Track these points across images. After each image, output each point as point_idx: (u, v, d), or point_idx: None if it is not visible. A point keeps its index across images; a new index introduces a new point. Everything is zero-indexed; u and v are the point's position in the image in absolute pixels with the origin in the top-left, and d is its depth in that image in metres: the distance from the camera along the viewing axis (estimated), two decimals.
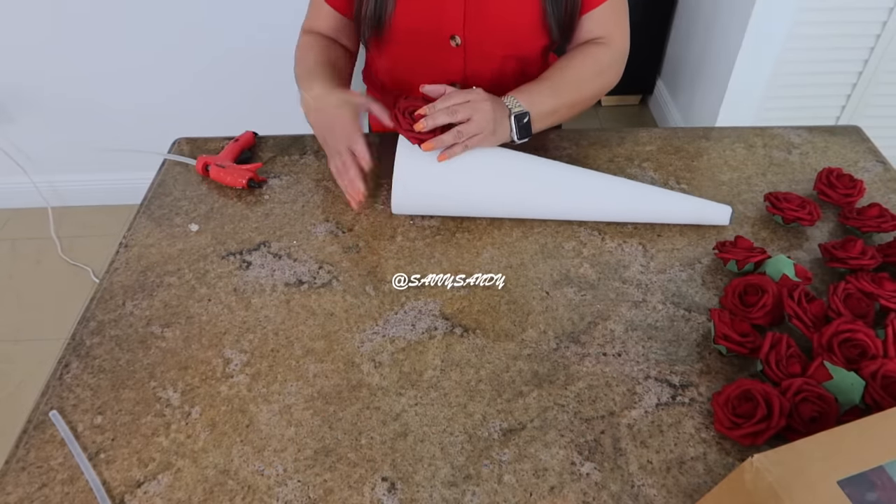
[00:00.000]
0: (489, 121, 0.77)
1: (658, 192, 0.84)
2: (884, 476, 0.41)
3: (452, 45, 0.90)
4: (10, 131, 2.02)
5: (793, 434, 0.59)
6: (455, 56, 0.92)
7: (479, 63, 0.93)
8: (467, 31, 0.89)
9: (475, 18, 0.87)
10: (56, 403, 0.65)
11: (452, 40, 0.90)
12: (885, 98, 1.93)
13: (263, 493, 0.58)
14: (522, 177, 0.82)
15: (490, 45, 0.91)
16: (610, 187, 0.83)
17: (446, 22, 0.88)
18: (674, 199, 0.83)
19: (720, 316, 0.67)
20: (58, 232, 2.10)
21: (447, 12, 0.87)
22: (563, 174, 0.83)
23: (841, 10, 1.73)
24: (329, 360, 0.68)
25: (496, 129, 0.79)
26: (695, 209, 0.83)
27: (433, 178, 0.79)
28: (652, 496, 0.57)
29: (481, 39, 0.90)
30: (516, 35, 0.90)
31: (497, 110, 0.79)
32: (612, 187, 0.83)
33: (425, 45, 0.91)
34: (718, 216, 0.83)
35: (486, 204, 0.82)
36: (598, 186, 0.83)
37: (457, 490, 0.58)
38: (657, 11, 2.36)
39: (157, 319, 0.73)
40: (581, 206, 0.83)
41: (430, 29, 0.88)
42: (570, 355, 0.69)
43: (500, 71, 0.95)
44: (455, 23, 0.88)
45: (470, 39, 0.90)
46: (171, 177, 0.93)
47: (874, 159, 0.96)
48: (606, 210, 0.83)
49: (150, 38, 1.82)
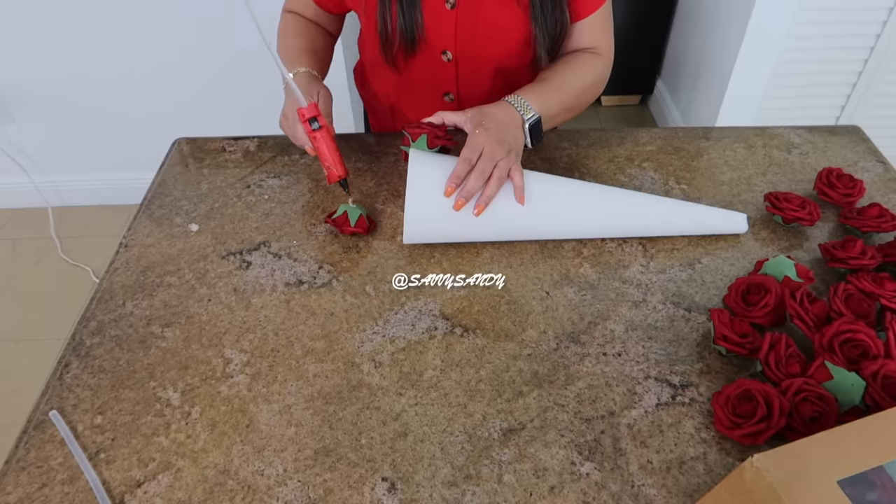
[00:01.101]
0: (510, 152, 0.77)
1: (674, 205, 0.82)
2: (884, 476, 0.41)
3: (444, 60, 0.91)
4: (10, 131, 2.02)
5: (793, 434, 0.59)
6: (447, 69, 0.93)
7: (470, 76, 0.94)
8: (458, 47, 0.89)
9: (465, 35, 0.88)
10: (56, 403, 0.65)
11: (444, 55, 0.90)
12: (885, 98, 1.93)
13: (263, 493, 0.58)
14: (536, 201, 0.78)
15: (481, 60, 0.92)
16: (625, 204, 0.81)
17: (438, 38, 0.88)
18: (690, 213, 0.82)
19: (720, 316, 0.67)
20: (58, 232, 2.11)
21: (439, 29, 0.88)
22: (578, 194, 0.81)
23: (841, 10, 1.73)
24: (329, 360, 0.68)
25: (517, 148, 0.79)
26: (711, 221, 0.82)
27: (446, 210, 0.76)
28: (652, 496, 0.57)
29: (472, 55, 0.90)
30: (506, 49, 0.90)
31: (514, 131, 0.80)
32: (627, 204, 0.81)
33: (419, 59, 0.91)
34: (736, 226, 0.82)
35: (499, 230, 0.79)
36: (614, 204, 0.80)
37: (457, 490, 0.58)
38: (657, 11, 2.36)
39: (157, 319, 0.73)
40: (598, 225, 0.81)
41: (422, 45, 0.89)
42: (570, 355, 0.69)
43: (491, 84, 0.96)
44: (446, 39, 0.89)
45: (461, 54, 0.90)
46: (171, 177, 0.93)
47: (874, 159, 0.96)
48: (623, 228, 0.81)
49: (151, 39, 1.82)
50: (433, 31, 0.87)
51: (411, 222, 0.76)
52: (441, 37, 0.88)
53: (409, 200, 0.75)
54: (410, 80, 0.96)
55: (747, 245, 0.81)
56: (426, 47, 0.89)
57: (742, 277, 0.72)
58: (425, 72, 0.93)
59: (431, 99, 0.98)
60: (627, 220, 0.81)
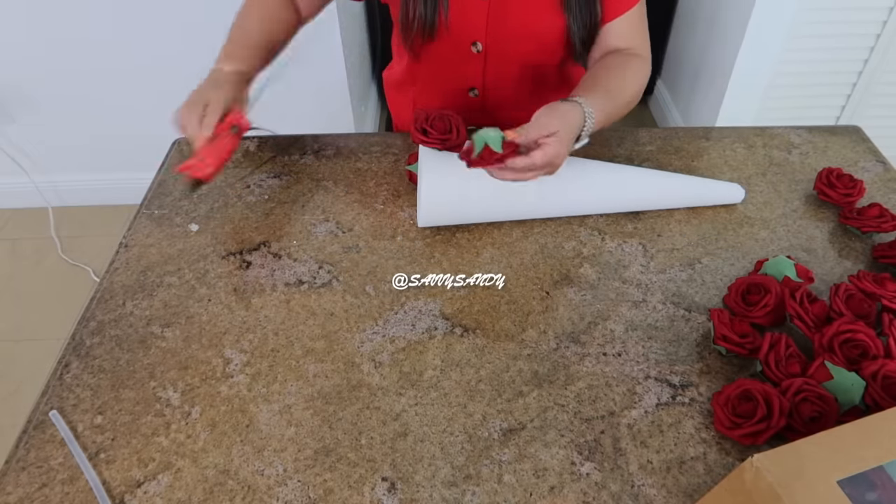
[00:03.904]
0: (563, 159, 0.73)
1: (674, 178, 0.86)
2: (884, 476, 0.41)
3: (474, 52, 0.90)
4: (10, 131, 2.02)
5: (793, 434, 0.59)
6: (475, 62, 0.92)
7: (498, 70, 0.93)
8: (489, 38, 0.88)
9: (497, 25, 0.87)
10: (56, 403, 0.65)
11: (474, 46, 0.90)
12: (885, 98, 1.93)
13: (263, 493, 0.58)
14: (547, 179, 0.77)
15: (511, 53, 0.91)
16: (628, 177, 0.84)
17: (469, 28, 0.88)
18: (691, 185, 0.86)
19: (720, 316, 0.67)
20: (58, 232, 2.10)
21: (470, 19, 0.87)
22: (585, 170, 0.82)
23: (841, 10, 1.73)
24: (329, 360, 0.68)
25: None
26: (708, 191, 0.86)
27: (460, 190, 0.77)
28: (652, 496, 0.57)
29: (502, 47, 0.89)
30: (537, 44, 0.89)
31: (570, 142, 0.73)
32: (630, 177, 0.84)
33: (447, 50, 0.91)
34: (732, 195, 0.86)
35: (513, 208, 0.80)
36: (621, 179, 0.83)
37: (457, 490, 0.57)
38: (657, 12, 2.35)
39: (157, 319, 0.73)
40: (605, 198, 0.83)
41: (452, 34, 0.88)
42: (570, 355, 0.69)
43: (518, 79, 0.94)
44: (478, 29, 0.88)
45: (491, 46, 0.89)
46: (171, 177, 0.93)
47: (874, 159, 0.96)
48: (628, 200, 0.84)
49: (151, 39, 1.82)
50: (463, 19, 0.86)
51: (428, 203, 0.77)
52: (472, 26, 0.88)
53: (424, 180, 0.76)
54: (436, 73, 0.96)
55: (747, 245, 0.81)
56: (454, 36, 0.88)
57: (742, 277, 0.72)
58: (452, 63, 0.92)
59: (455, 94, 0.97)
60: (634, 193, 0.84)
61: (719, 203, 0.86)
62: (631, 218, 0.85)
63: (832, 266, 0.79)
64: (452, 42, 0.89)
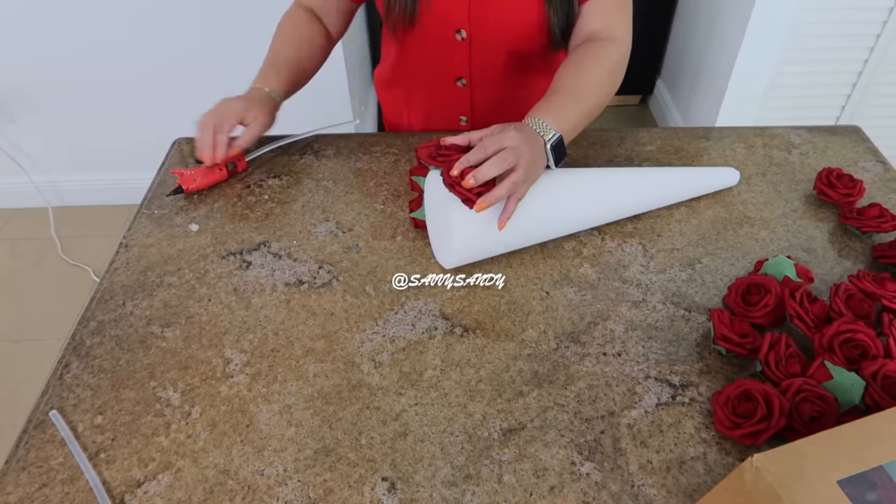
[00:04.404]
0: (531, 162, 0.71)
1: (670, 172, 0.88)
2: (884, 476, 0.41)
3: (458, 39, 0.91)
4: (10, 131, 2.02)
5: (793, 434, 0.59)
6: (461, 50, 0.93)
7: (484, 58, 0.94)
8: (472, 25, 0.90)
9: (479, 12, 0.89)
10: (56, 403, 0.65)
11: (458, 34, 0.91)
12: (885, 98, 1.93)
13: (263, 493, 0.58)
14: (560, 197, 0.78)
15: (495, 40, 0.92)
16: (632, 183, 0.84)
17: (452, 14, 0.89)
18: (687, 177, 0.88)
19: (720, 316, 0.67)
20: (58, 232, 2.11)
21: (452, 5, 0.88)
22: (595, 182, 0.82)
23: (841, 10, 1.73)
24: (329, 360, 0.68)
25: (537, 166, 0.73)
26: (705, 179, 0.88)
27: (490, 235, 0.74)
28: (652, 496, 0.57)
29: (486, 34, 0.91)
30: (518, 31, 0.90)
31: (534, 147, 0.73)
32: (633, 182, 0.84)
33: (432, 39, 0.92)
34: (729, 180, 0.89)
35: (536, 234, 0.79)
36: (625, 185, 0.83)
37: (457, 490, 0.58)
38: (657, 11, 2.36)
39: (157, 319, 0.73)
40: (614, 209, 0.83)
41: (436, 20, 0.89)
42: (570, 355, 0.69)
43: (504, 66, 0.96)
44: (460, 16, 0.89)
45: (475, 33, 0.91)
46: (171, 177, 0.93)
47: (874, 159, 0.96)
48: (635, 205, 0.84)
49: (151, 39, 1.82)
50: (445, 5, 0.88)
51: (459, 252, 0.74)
52: (455, 13, 0.89)
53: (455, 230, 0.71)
54: (424, 64, 0.97)
55: (747, 245, 0.81)
56: (437, 23, 0.89)
57: (742, 277, 0.72)
58: (438, 52, 0.94)
59: (444, 84, 0.98)
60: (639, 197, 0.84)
61: (718, 188, 0.89)
62: (631, 218, 0.85)
63: (832, 266, 0.79)
64: (437, 29, 0.91)
